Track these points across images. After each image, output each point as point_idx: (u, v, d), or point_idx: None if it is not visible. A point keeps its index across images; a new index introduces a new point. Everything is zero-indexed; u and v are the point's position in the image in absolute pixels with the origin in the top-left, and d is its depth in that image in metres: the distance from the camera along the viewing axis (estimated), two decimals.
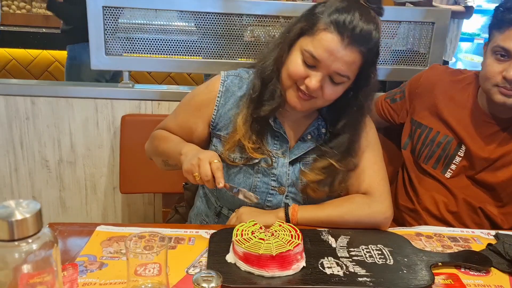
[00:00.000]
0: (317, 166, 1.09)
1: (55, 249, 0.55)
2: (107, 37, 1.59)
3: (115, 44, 1.61)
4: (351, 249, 0.96)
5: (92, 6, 1.56)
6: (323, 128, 1.11)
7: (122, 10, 1.59)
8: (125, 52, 1.62)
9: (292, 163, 1.11)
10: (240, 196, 1.02)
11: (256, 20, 1.68)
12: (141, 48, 1.63)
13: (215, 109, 1.12)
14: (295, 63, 0.99)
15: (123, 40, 1.62)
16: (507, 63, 1.12)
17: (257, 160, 1.08)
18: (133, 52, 1.63)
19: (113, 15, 1.57)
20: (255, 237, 0.90)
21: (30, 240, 0.52)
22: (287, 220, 1.05)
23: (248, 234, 0.91)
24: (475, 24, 3.86)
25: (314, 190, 1.09)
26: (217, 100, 1.11)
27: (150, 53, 1.64)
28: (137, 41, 1.63)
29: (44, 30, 3.28)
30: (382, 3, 1.00)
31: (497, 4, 1.20)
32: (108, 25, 1.57)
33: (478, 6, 3.61)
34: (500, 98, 1.14)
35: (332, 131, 1.10)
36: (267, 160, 1.09)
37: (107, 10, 1.56)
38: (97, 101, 1.64)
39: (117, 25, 1.59)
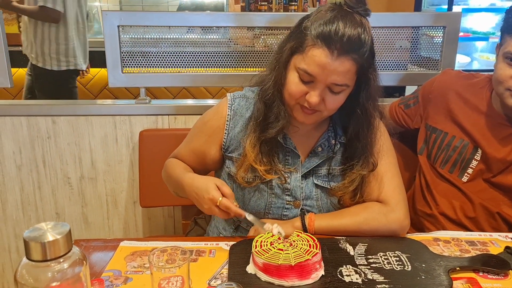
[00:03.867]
0: (342, 182, 1.10)
1: (84, 267, 0.58)
2: (123, 55, 1.65)
3: (131, 62, 1.66)
4: (369, 257, 0.97)
5: (107, 25, 1.61)
6: (333, 139, 1.12)
7: (136, 28, 1.65)
8: (141, 67, 1.67)
9: (304, 176, 1.12)
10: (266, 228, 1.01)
11: (267, 31, 1.72)
12: (156, 63, 1.68)
13: (225, 133, 1.14)
14: (292, 82, 1.00)
15: (139, 56, 1.67)
16: None
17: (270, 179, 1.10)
18: (149, 67, 1.68)
19: (129, 32, 1.63)
20: (274, 248, 0.92)
21: (61, 260, 0.55)
22: (304, 229, 1.07)
23: (267, 245, 0.93)
24: (489, 22, 3.82)
25: (347, 200, 1.11)
26: (227, 124, 1.14)
27: (164, 67, 1.69)
28: (152, 55, 1.67)
29: None
30: (367, 3, 0.99)
31: (511, 4, 1.20)
32: (124, 43, 1.63)
33: (492, 5, 3.58)
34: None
35: (344, 142, 1.12)
36: (280, 178, 1.10)
37: (123, 29, 1.62)
38: (115, 118, 1.69)
39: (132, 42, 1.64)
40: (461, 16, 1.75)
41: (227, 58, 1.72)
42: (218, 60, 1.71)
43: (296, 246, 0.92)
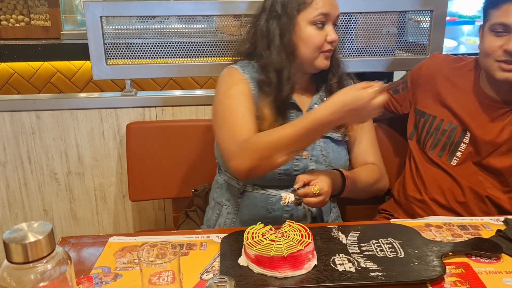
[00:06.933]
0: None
1: (69, 267, 0.56)
2: (107, 46, 1.61)
3: (115, 53, 1.62)
4: (362, 244, 0.96)
5: (89, 16, 1.57)
6: (325, 98, 1.23)
7: (120, 19, 1.61)
8: (126, 58, 1.63)
9: None
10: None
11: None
12: (142, 54, 1.64)
13: (253, 95, 1.18)
14: (312, 34, 1.13)
15: (123, 47, 1.63)
16: (507, 37, 1.12)
17: None
18: (134, 58, 1.64)
19: (112, 23, 1.59)
20: (266, 239, 0.90)
21: (44, 261, 0.53)
22: (343, 179, 1.14)
23: (258, 236, 0.91)
24: (474, 6, 3.82)
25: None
26: (251, 86, 1.18)
27: (150, 58, 1.65)
28: (137, 47, 1.64)
29: (44, 41, 3.30)
30: None
31: None
32: (108, 34, 1.59)
33: None
34: (501, 74, 1.14)
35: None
36: None
37: (106, 19, 1.58)
38: (101, 111, 1.65)
39: (116, 33, 1.60)
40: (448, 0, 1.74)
41: (214, 47, 1.68)
42: (205, 49, 1.68)
43: (288, 237, 0.91)
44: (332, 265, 0.89)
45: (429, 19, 1.72)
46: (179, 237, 1.01)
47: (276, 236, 0.92)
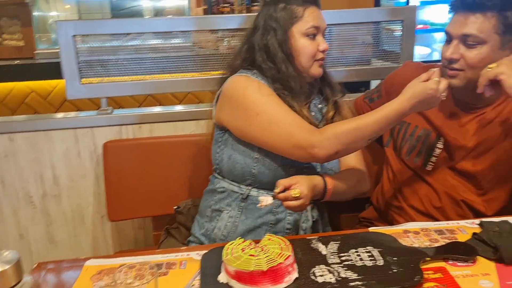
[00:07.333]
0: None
1: None
2: (81, 65, 1.59)
3: (89, 72, 1.61)
4: (342, 254, 0.96)
5: (62, 35, 1.55)
6: (319, 105, 1.33)
7: (94, 37, 1.60)
8: (101, 76, 1.62)
9: None
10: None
11: (230, 33, 1.70)
12: (117, 71, 1.63)
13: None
14: (306, 45, 1.23)
15: (98, 65, 1.62)
16: (450, 45, 1.17)
17: None
18: (109, 76, 1.63)
19: (86, 42, 1.57)
20: (246, 254, 0.90)
21: None
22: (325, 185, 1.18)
23: (238, 251, 0.91)
24: (445, 14, 3.93)
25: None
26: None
27: (126, 75, 1.64)
28: (112, 64, 1.63)
29: (17, 61, 3.26)
30: None
31: None
32: (81, 52, 1.57)
33: None
34: (448, 81, 1.16)
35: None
36: None
37: (79, 38, 1.56)
38: (76, 131, 1.63)
39: (90, 51, 1.59)
40: (416, 9, 1.79)
41: (191, 62, 1.69)
42: (182, 65, 1.68)
43: (268, 250, 0.91)
44: (313, 277, 0.89)
45: (400, 28, 1.76)
46: (158, 257, 1.00)
47: (255, 251, 0.91)
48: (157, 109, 1.79)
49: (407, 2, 3.86)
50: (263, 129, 1.17)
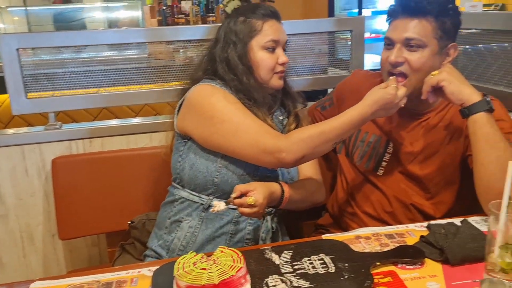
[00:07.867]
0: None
1: None
2: (26, 79, 1.53)
3: (36, 86, 1.55)
4: (295, 263, 0.97)
5: (5, 49, 1.49)
6: (281, 116, 1.35)
7: (39, 50, 1.54)
8: (48, 90, 1.56)
9: None
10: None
11: (186, 44, 1.69)
12: (65, 85, 1.58)
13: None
14: (265, 58, 1.25)
15: (44, 79, 1.56)
16: (391, 50, 1.21)
17: None
18: (57, 90, 1.58)
19: (31, 55, 1.52)
20: (197, 268, 0.88)
21: None
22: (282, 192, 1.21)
23: (189, 266, 0.89)
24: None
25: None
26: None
27: (75, 88, 1.60)
28: (59, 77, 1.58)
29: None
30: None
31: None
32: (26, 66, 1.52)
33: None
34: (406, 88, 1.20)
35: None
36: None
37: (23, 51, 1.51)
38: (23, 147, 1.56)
39: (35, 64, 1.54)
40: (364, 19, 1.85)
41: (146, 74, 1.66)
42: (136, 76, 1.65)
43: (220, 263, 0.90)
44: (266, 287, 0.89)
45: (349, 38, 1.82)
46: (108, 275, 0.97)
47: (207, 264, 0.90)
48: (109, 123, 1.75)
49: (360, 12, 3.99)
50: (230, 136, 1.17)
